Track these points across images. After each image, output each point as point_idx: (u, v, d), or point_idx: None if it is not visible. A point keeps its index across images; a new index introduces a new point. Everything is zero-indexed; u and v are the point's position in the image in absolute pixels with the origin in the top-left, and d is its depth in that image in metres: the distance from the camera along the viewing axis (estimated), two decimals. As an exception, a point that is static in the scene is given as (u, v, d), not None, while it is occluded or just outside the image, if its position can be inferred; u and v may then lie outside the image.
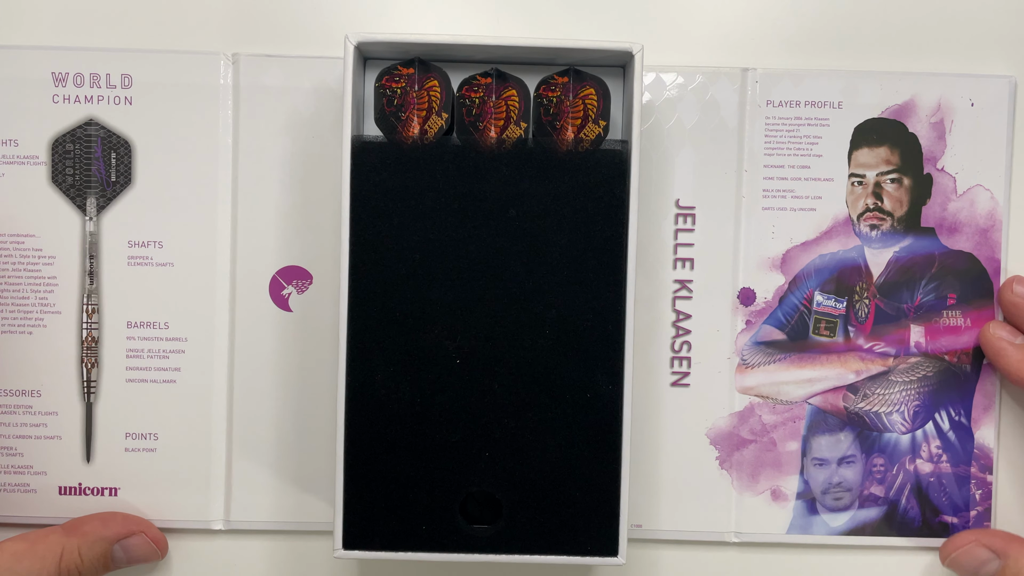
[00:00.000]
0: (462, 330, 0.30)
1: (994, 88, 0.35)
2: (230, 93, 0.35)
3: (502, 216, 0.30)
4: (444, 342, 0.30)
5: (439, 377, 0.30)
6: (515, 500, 0.30)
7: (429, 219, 0.30)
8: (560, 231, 0.30)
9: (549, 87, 0.31)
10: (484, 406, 0.30)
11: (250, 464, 0.35)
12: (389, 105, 0.30)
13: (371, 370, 0.30)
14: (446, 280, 0.30)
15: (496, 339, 0.30)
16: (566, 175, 0.30)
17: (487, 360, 0.30)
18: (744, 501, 0.36)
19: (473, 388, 0.30)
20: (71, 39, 0.35)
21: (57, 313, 0.35)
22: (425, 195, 0.30)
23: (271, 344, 0.35)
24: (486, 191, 0.30)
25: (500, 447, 0.30)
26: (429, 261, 0.30)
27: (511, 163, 0.30)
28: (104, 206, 0.35)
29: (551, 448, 0.30)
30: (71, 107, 0.35)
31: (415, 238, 0.30)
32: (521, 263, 0.30)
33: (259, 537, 0.36)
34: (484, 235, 0.30)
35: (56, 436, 0.35)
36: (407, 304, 0.30)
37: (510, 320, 0.30)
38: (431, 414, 0.30)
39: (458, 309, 0.30)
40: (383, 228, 0.30)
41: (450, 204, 0.30)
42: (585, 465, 0.30)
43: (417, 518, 0.30)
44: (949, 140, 0.36)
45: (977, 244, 0.36)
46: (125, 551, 0.34)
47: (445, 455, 0.30)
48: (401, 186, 0.30)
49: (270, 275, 0.35)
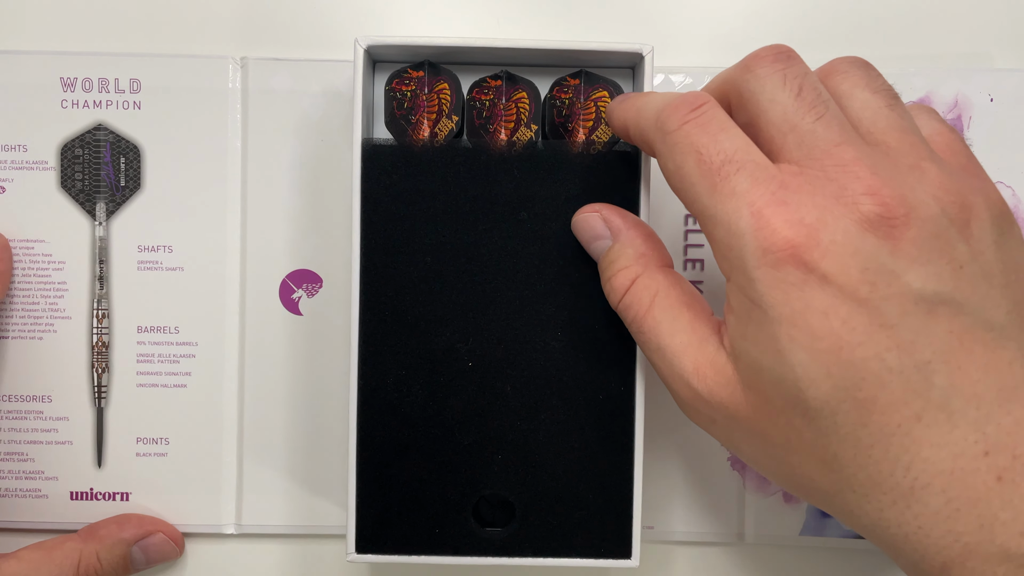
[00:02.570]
0: (474, 333, 0.30)
1: (1013, 82, 0.35)
2: (239, 97, 0.35)
3: (513, 218, 0.30)
4: (456, 345, 0.30)
5: (451, 380, 0.30)
6: (528, 502, 0.30)
7: (440, 222, 0.30)
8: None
9: (562, 89, 0.31)
10: (496, 409, 0.30)
11: (262, 468, 0.35)
12: (399, 108, 0.30)
13: (383, 373, 0.30)
14: (457, 283, 0.30)
15: (508, 342, 0.30)
16: (577, 177, 0.30)
17: (499, 363, 0.30)
18: (756, 502, 0.35)
19: (485, 391, 0.30)
20: (79, 44, 0.35)
21: (67, 318, 0.35)
22: (436, 198, 0.30)
23: (281, 348, 0.35)
24: (497, 194, 0.30)
25: (512, 449, 0.30)
26: (440, 264, 0.30)
27: (522, 165, 0.30)
28: (113, 211, 0.35)
29: (564, 450, 0.30)
30: (80, 112, 0.35)
31: (426, 241, 0.30)
32: (532, 265, 0.30)
33: (271, 541, 0.36)
34: (495, 238, 0.30)
35: (67, 441, 0.35)
36: (418, 307, 0.30)
37: (522, 323, 0.30)
38: (443, 417, 0.30)
39: (470, 312, 0.30)
40: (393, 231, 0.30)
41: (461, 207, 0.30)
42: (598, 467, 0.30)
43: (430, 521, 0.30)
44: (967, 136, 0.35)
45: (993, 243, 0.35)
46: (144, 552, 0.34)
47: (457, 458, 0.30)
48: (412, 189, 0.30)
49: (280, 279, 0.35)
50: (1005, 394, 0.22)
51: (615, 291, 0.27)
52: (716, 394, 0.24)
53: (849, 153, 0.23)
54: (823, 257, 0.22)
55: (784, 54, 0.24)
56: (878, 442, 0.22)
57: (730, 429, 0.25)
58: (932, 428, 0.21)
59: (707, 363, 0.25)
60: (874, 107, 0.24)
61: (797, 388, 0.22)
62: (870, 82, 0.25)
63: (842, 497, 0.23)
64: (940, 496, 0.21)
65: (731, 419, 0.24)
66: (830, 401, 0.22)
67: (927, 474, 0.21)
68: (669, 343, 0.25)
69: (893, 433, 0.22)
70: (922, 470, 0.21)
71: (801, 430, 0.23)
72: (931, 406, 0.22)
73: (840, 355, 0.22)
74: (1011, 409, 0.21)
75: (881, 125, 0.24)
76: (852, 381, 0.22)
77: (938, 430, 0.21)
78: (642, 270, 0.27)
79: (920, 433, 0.21)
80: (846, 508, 0.23)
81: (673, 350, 0.25)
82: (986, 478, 0.21)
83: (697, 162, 0.24)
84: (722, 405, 0.24)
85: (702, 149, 0.24)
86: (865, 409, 0.22)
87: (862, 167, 0.22)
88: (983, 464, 0.21)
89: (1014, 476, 0.21)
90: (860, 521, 0.23)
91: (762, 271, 0.22)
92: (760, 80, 0.24)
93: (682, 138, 0.24)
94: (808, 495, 0.24)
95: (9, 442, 0.35)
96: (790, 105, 0.23)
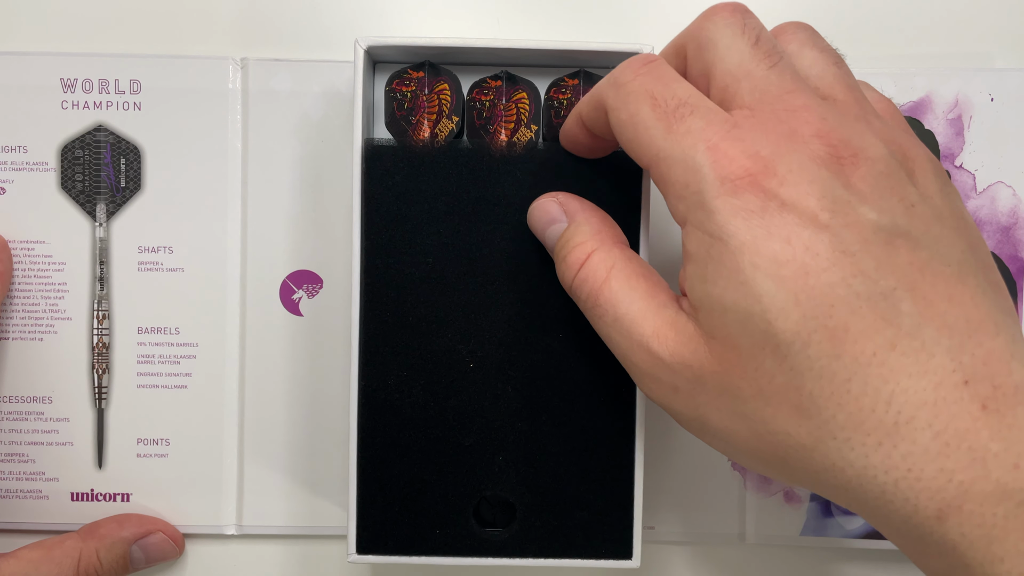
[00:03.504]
0: (475, 334, 0.30)
1: (1014, 82, 0.35)
2: (239, 97, 0.35)
3: (514, 219, 0.30)
4: (457, 346, 0.30)
5: (452, 381, 0.30)
6: (529, 503, 0.30)
7: (441, 222, 0.30)
8: None
9: (560, 89, 0.31)
10: (497, 409, 0.30)
11: (262, 469, 0.35)
12: (399, 109, 0.30)
13: (383, 374, 0.30)
14: (458, 284, 0.30)
15: (509, 343, 0.30)
16: (579, 177, 0.30)
17: (500, 364, 0.30)
18: (757, 502, 0.35)
19: (486, 392, 0.30)
20: (79, 45, 0.35)
21: (68, 319, 0.35)
22: (437, 199, 0.30)
23: (282, 349, 0.35)
24: (498, 194, 0.30)
25: (513, 450, 0.30)
26: (441, 264, 0.30)
27: (523, 166, 0.30)
28: (114, 212, 0.35)
29: (565, 451, 0.30)
30: (80, 113, 0.35)
31: (427, 241, 0.30)
32: (533, 265, 0.30)
33: (272, 542, 0.36)
34: (496, 238, 0.30)
35: (68, 442, 0.35)
36: (419, 308, 0.30)
37: (523, 324, 0.30)
38: (444, 418, 0.30)
39: (471, 313, 0.30)
40: (394, 231, 0.30)
41: (462, 207, 0.30)
42: (599, 467, 0.30)
43: (431, 522, 0.30)
44: (968, 136, 0.35)
45: (999, 242, 0.35)
46: (144, 551, 0.34)
47: (458, 458, 0.30)
48: (413, 189, 0.30)
49: (280, 279, 0.35)
50: (972, 326, 0.21)
51: (570, 268, 0.27)
52: (678, 354, 0.23)
53: (800, 100, 0.23)
54: (781, 184, 0.22)
55: (741, 8, 0.25)
56: (855, 375, 0.21)
57: (694, 394, 0.24)
58: (908, 357, 0.21)
59: (667, 325, 0.24)
60: (822, 64, 0.25)
61: (765, 321, 0.21)
62: (817, 42, 0.26)
63: (823, 449, 0.22)
64: (927, 431, 0.20)
65: (696, 381, 0.23)
66: (800, 332, 0.21)
67: (910, 406, 0.20)
68: (627, 311, 0.25)
69: (869, 363, 0.21)
70: (904, 402, 0.20)
71: (773, 373, 0.22)
72: (903, 334, 0.21)
73: (807, 280, 0.21)
74: (981, 340, 0.21)
75: (828, 80, 0.25)
76: (821, 308, 0.21)
77: (914, 359, 0.21)
78: (598, 245, 0.26)
79: (896, 362, 0.21)
80: (827, 462, 0.22)
81: (632, 317, 0.25)
82: (970, 407, 0.20)
83: (652, 106, 0.24)
84: (685, 365, 0.23)
85: (656, 94, 0.24)
86: (837, 338, 0.21)
87: (811, 113, 0.23)
88: (965, 393, 0.20)
89: (998, 406, 0.20)
90: (844, 475, 0.21)
91: (721, 200, 0.22)
92: (719, 28, 0.25)
93: (637, 87, 0.24)
94: (785, 462, 0.23)
95: (10, 443, 0.35)
96: (747, 52, 0.24)
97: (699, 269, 0.23)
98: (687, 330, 0.24)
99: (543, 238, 0.29)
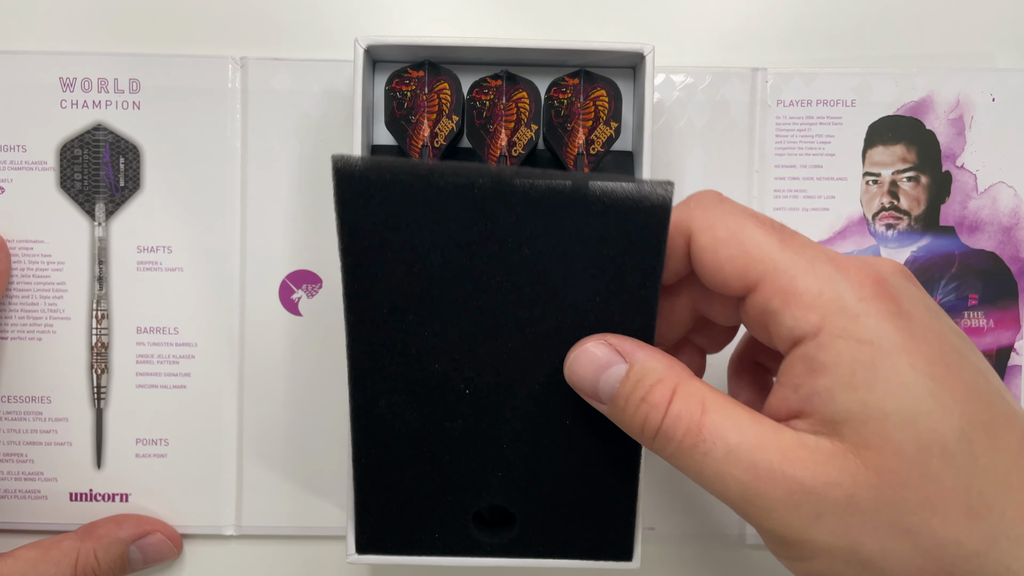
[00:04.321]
0: (475, 334, 0.29)
1: (1015, 82, 0.35)
2: (238, 97, 0.35)
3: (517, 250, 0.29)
4: (451, 372, 0.28)
5: (447, 406, 0.28)
6: (529, 504, 0.30)
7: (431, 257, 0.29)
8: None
9: (560, 89, 0.30)
10: (496, 432, 0.28)
11: (261, 469, 0.35)
12: (399, 108, 0.30)
13: (375, 396, 0.29)
14: (459, 284, 0.29)
15: (509, 345, 0.29)
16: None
17: (497, 389, 0.28)
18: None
19: (483, 417, 0.29)
20: (79, 44, 0.35)
21: (67, 319, 0.35)
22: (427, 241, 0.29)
23: (281, 348, 0.35)
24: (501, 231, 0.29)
25: (512, 467, 0.29)
26: (436, 289, 0.29)
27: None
28: (113, 211, 0.35)
29: (565, 455, 0.30)
30: (79, 112, 0.35)
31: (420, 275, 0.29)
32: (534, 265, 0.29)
33: (271, 542, 0.36)
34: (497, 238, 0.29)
35: (67, 442, 0.35)
36: (412, 334, 0.29)
37: (525, 328, 0.29)
38: (442, 438, 0.29)
39: (467, 338, 0.29)
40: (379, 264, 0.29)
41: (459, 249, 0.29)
42: (599, 468, 0.30)
43: (430, 522, 0.30)
44: (969, 136, 0.35)
45: (1000, 243, 0.35)
46: (141, 551, 0.34)
47: (459, 458, 0.30)
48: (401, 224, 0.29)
49: (280, 279, 0.35)
50: None
51: (655, 409, 0.23)
52: (823, 474, 0.21)
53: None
54: (899, 292, 0.23)
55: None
56: (1013, 467, 0.21)
57: (844, 516, 0.21)
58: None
59: (796, 447, 0.22)
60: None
61: (932, 420, 0.21)
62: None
63: (996, 553, 0.21)
64: None
65: (847, 501, 0.21)
66: (965, 429, 0.21)
67: None
68: (742, 440, 0.22)
69: (1020, 452, 0.21)
70: None
71: (940, 476, 0.21)
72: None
73: (959, 378, 0.21)
74: None
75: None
76: (976, 403, 0.21)
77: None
78: (678, 378, 0.24)
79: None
80: (1000, 567, 0.20)
81: (750, 445, 0.22)
82: None
83: (757, 223, 0.24)
84: (832, 484, 0.21)
85: (754, 215, 0.24)
86: (991, 432, 0.21)
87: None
88: None
89: None
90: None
91: (865, 304, 0.22)
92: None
93: (732, 207, 0.24)
94: (954, 572, 0.21)
95: (8, 443, 0.35)
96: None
97: (844, 378, 0.22)
98: (824, 448, 0.22)
99: (595, 388, 0.25)
